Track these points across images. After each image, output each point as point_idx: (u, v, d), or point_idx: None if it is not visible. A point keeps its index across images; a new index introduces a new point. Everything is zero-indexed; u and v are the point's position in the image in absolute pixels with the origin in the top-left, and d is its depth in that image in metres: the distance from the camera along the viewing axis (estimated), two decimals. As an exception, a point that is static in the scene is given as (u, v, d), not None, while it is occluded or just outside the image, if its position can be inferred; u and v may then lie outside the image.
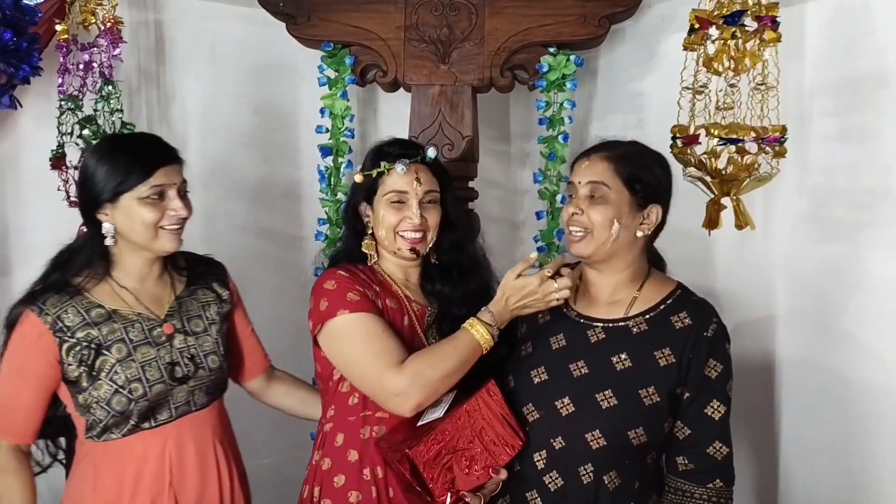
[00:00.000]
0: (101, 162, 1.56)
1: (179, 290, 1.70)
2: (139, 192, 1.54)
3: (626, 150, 1.55)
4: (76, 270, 1.60)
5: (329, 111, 2.30)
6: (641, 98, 2.37)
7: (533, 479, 1.55)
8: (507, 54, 2.19)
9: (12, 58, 2.00)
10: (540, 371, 1.57)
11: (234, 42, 2.59)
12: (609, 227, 1.50)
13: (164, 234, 1.59)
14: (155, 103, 2.56)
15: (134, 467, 1.60)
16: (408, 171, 1.61)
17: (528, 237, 2.64)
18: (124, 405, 1.56)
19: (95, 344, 1.56)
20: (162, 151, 1.60)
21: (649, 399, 1.48)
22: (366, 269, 1.68)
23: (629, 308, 1.56)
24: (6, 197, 2.47)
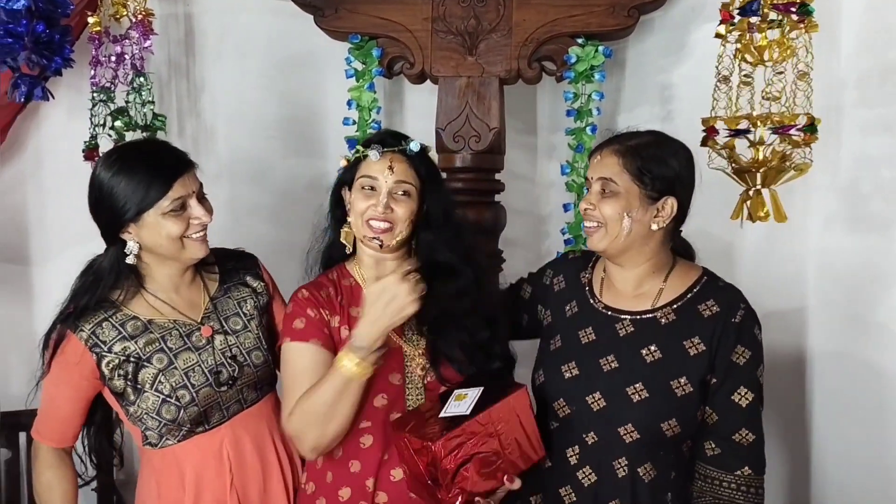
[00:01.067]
0: (117, 179, 1.53)
1: (213, 291, 1.69)
2: (161, 207, 1.53)
3: (640, 141, 1.53)
4: (109, 288, 1.59)
5: (356, 103, 2.31)
6: (671, 89, 2.34)
7: (566, 475, 1.55)
8: (534, 45, 2.18)
9: (45, 50, 2.02)
10: (571, 366, 1.57)
11: (263, 34, 2.61)
12: (620, 220, 1.50)
13: (190, 243, 1.58)
14: (185, 95, 2.59)
15: (193, 471, 1.61)
16: (381, 159, 1.57)
17: (554, 230, 2.62)
18: (174, 413, 1.57)
19: (134, 357, 1.56)
20: (175, 161, 1.57)
21: (681, 390, 1.48)
22: (342, 273, 1.67)
23: (656, 299, 1.55)
24: (40, 188, 2.51)
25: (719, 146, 1.79)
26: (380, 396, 1.57)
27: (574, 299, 1.65)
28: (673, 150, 1.54)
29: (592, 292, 1.63)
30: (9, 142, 2.41)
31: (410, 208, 1.59)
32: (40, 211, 2.52)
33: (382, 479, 1.56)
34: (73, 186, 2.39)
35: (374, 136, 1.65)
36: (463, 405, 1.48)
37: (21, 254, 2.51)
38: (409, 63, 2.28)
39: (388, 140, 1.61)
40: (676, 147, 1.55)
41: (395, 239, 1.59)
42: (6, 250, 2.50)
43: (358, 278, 1.66)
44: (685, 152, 1.55)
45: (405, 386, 1.60)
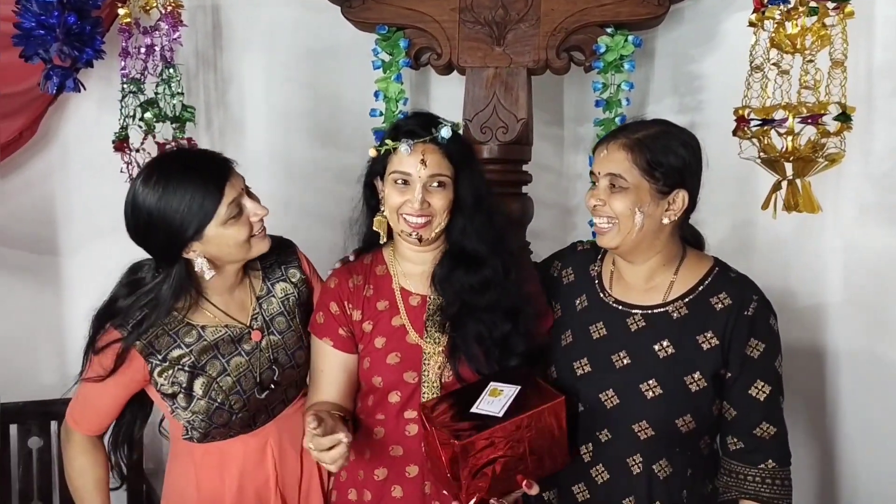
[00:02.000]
0: (165, 202, 1.46)
1: (258, 290, 1.67)
2: (220, 217, 1.48)
3: (648, 132, 1.49)
4: (172, 304, 1.54)
5: (383, 94, 2.30)
6: (701, 80, 2.32)
7: (580, 473, 1.54)
8: (563, 35, 2.16)
9: (76, 41, 2.05)
10: (582, 363, 1.55)
11: (290, 26, 2.61)
12: (632, 216, 1.47)
13: (255, 241, 1.56)
14: (213, 87, 2.60)
15: (236, 466, 1.63)
16: (413, 152, 1.50)
17: (581, 222, 2.61)
18: (226, 418, 1.58)
19: (189, 366, 1.55)
20: (216, 165, 1.53)
21: (695, 385, 1.46)
22: (375, 259, 1.65)
23: (668, 293, 1.53)
24: (69, 179, 2.54)
25: (750, 136, 1.76)
26: (393, 393, 1.57)
27: (584, 293, 1.62)
28: (681, 140, 1.50)
29: (602, 286, 1.61)
30: (39, 133, 2.44)
31: (447, 198, 1.54)
32: (70, 202, 2.55)
33: (396, 474, 1.57)
34: (103, 178, 2.43)
35: (403, 124, 1.57)
36: (496, 404, 1.44)
37: (50, 245, 2.54)
38: (436, 54, 2.27)
39: (418, 130, 1.53)
40: (685, 137, 1.51)
41: (434, 232, 1.56)
42: (36, 241, 2.53)
43: (391, 269, 1.63)
44: (693, 141, 1.52)
45: (420, 384, 1.57)
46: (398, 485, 1.57)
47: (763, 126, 1.73)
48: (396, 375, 1.56)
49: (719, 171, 2.24)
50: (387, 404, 1.57)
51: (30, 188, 2.50)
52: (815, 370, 2.12)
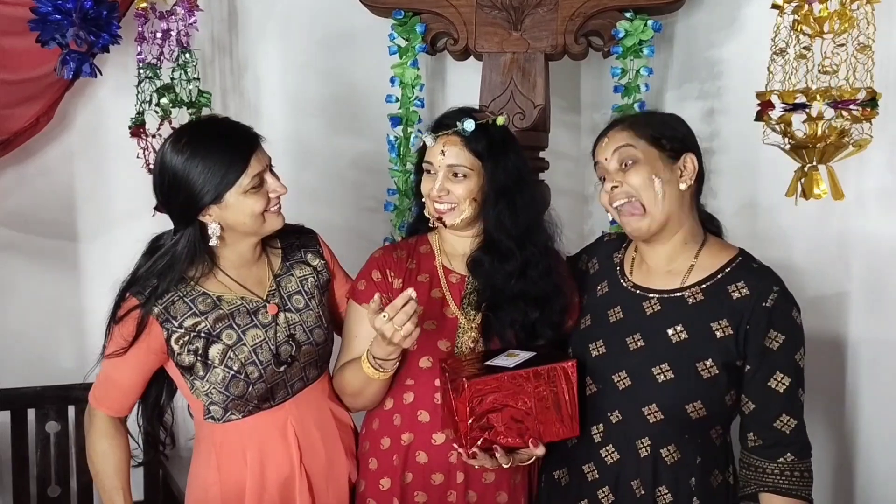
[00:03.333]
0: (192, 163, 1.50)
1: (277, 268, 1.69)
2: (242, 186, 1.51)
3: (640, 116, 1.56)
4: (185, 268, 1.57)
5: (399, 80, 2.29)
6: (721, 65, 2.28)
7: (590, 453, 1.54)
8: (581, 20, 2.14)
9: (92, 26, 2.04)
10: (598, 344, 1.56)
11: (306, 11, 2.60)
12: (651, 185, 1.47)
13: (270, 217, 1.58)
14: (228, 73, 2.60)
15: (257, 447, 1.63)
16: (436, 143, 1.61)
17: (597, 210, 2.59)
18: (242, 389, 1.58)
19: (205, 333, 1.57)
20: (246, 137, 1.56)
21: (707, 372, 1.45)
22: (420, 240, 1.74)
23: (686, 277, 1.52)
24: (87, 164, 2.55)
25: (774, 121, 1.74)
26: (425, 359, 1.61)
27: (605, 279, 1.64)
28: (673, 119, 1.57)
29: (623, 272, 1.61)
30: (56, 118, 2.44)
31: (468, 188, 1.61)
32: (86, 187, 2.56)
33: (421, 440, 1.61)
34: (120, 163, 2.44)
35: (438, 118, 1.67)
36: (510, 361, 1.50)
37: (69, 230, 2.55)
38: (452, 39, 2.25)
39: (444, 122, 1.63)
40: (673, 117, 1.59)
41: (458, 218, 1.62)
42: (54, 226, 2.54)
43: (434, 247, 1.71)
44: (682, 120, 1.58)
45: (453, 354, 1.62)
46: (423, 450, 1.61)
47: (793, 111, 1.70)
48: (431, 341, 1.61)
49: (739, 157, 2.24)
50: (417, 369, 1.62)
51: (47, 174, 2.51)
52: (834, 360, 2.10)
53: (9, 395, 2.27)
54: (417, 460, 1.61)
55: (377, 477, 1.64)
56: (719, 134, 2.31)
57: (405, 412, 1.63)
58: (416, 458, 1.61)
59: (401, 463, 1.62)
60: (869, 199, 2.04)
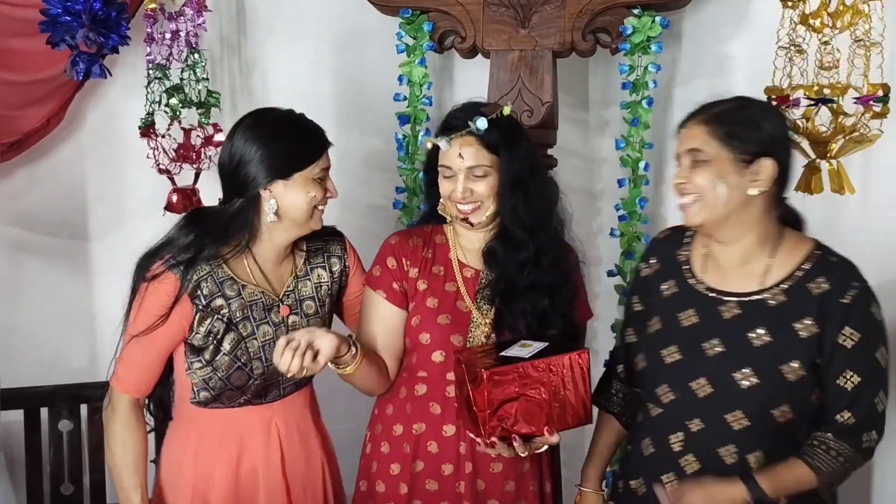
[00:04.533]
0: (277, 134, 1.57)
1: (298, 269, 1.70)
2: (311, 172, 1.58)
3: (725, 107, 1.46)
4: (225, 240, 1.60)
5: (407, 78, 2.29)
6: (730, 61, 2.28)
7: (669, 462, 1.51)
8: (589, 17, 2.13)
9: (102, 27, 2.05)
10: (671, 350, 1.51)
11: (314, 10, 2.60)
12: (714, 188, 1.42)
13: (316, 215, 1.63)
14: (237, 72, 2.61)
15: (237, 438, 1.65)
16: (451, 146, 1.59)
17: (606, 207, 2.59)
18: (243, 381, 1.61)
19: (227, 319, 1.59)
20: (324, 134, 1.64)
21: (793, 374, 1.42)
22: (435, 230, 1.74)
23: (764, 278, 1.47)
24: (98, 164, 2.56)
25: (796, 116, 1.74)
26: (438, 352, 1.64)
27: (672, 279, 1.58)
28: (762, 113, 1.48)
29: (692, 271, 1.55)
30: (67, 119, 2.46)
31: (490, 185, 1.61)
32: (97, 187, 2.57)
33: (433, 431, 1.65)
34: (131, 163, 2.45)
35: (446, 118, 1.66)
36: (525, 351, 1.52)
37: (80, 230, 2.57)
38: (460, 37, 2.25)
39: (456, 124, 1.61)
40: (766, 108, 1.50)
41: (484, 215, 1.64)
42: (65, 226, 2.55)
43: (450, 238, 1.72)
44: (776, 112, 1.50)
45: (466, 347, 1.64)
46: (434, 440, 1.64)
47: (816, 105, 1.69)
48: (444, 335, 1.64)
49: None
50: (430, 362, 1.65)
51: (58, 174, 2.53)
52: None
53: (22, 395, 2.28)
54: (429, 450, 1.64)
55: (388, 461, 1.68)
56: (728, 130, 2.30)
57: (417, 403, 1.66)
58: (427, 447, 1.65)
59: (412, 451, 1.65)
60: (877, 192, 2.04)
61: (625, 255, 2.22)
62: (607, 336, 2.36)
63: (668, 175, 2.48)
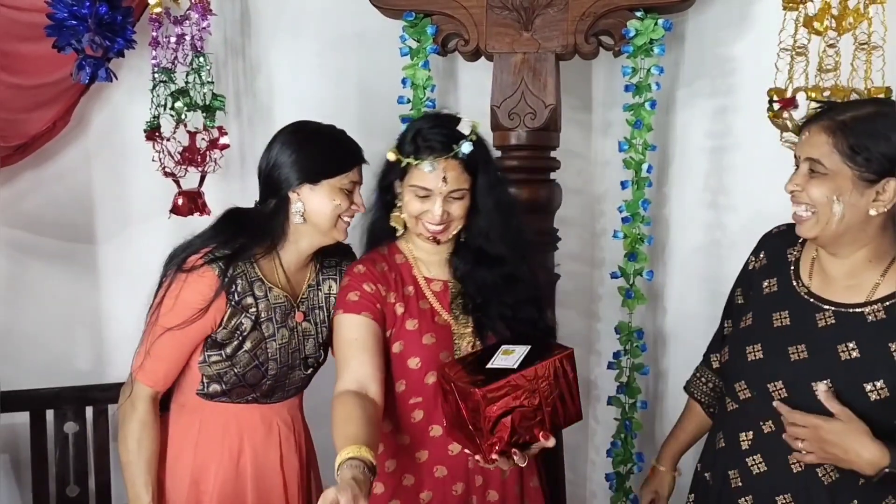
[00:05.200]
0: (306, 146, 1.63)
1: (312, 279, 1.76)
2: (339, 182, 1.62)
3: (855, 114, 1.35)
4: (260, 240, 1.65)
5: (410, 81, 2.30)
6: (732, 63, 2.28)
7: (736, 458, 1.50)
8: (592, 19, 2.14)
9: (107, 31, 2.06)
10: (756, 348, 1.48)
11: (318, 13, 2.61)
12: (829, 205, 1.35)
13: (340, 225, 1.66)
14: (241, 75, 2.62)
15: (238, 434, 1.69)
16: (435, 170, 1.54)
17: (609, 209, 2.59)
18: (257, 380, 1.65)
19: (254, 317, 1.63)
20: (358, 150, 1.69)
21: (876, 394, 1.36)
22: (392, 249, 1.69)
23: (871, 294, 1.41)
24: (103, 167, 2.57)
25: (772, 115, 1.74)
26: (430, 374, 1.60)
27: (775, 276, 1.53)
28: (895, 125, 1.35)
29: (798, 273, 1.50)
30: (72, 122, 2.47)
31: (465, 206, 1.60)
32: (103, 190, 2.58)
33: (438, 454, 1.61)
34: (136, 166, 2.46)
35: (424, 136, 1.58)
36: (510, 360, 1.50)
37: (86, 233, 2.57)
38: (463, 40, 2.26)
39: (439, 147, 1.55)
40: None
41: (451, 234, 1.62)
42: (71, 229, 2.56)
43: (409, 257, 1.68)
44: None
45: (452, 361, 1.60)
46: (441, 464, 1.60)
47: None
48: (433, 355, 1.60)
49: (750, 153, 2.24)
50: (424, 386, 1.60)
51: (64, 177, 2.53)
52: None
53: (27, 397, 2.29)
54: (436, 476, 1.60)
55: (385, 501, 1.61)
56: (730, 131, 2.31)
57: (415, 430, 1.61)
58: (433, 473, 1.60)
59: (416, 483, 1.60)
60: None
61: (627, 256, 2.22)
62: (611, 337, 2.36)
63: (671, 177, 2.49)
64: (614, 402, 2.29)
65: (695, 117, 2.39)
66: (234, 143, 2.47)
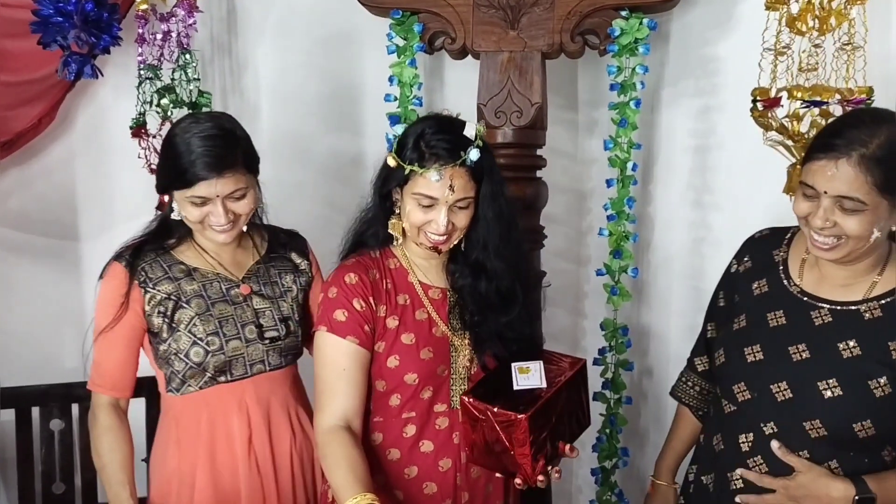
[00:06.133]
0: (169, 151, 1.62)
1: (260, 256, 1.78)
2: (185, 195, 1.61)
3: (879, 142, 1.31)
4: (161, 234, 1.70)
5: (397, 79, 2.31)
6: (717, 62, 2.30)
7: (736, 461, 1.50)
8: (577, 18, 2.15)
9: (93, 28, 2.06)
10: (755, 349, 1.48)
11: (305, 11, 2.61)
12: (868, 237, 1.34)
13: (209, 230, 1.65)
14: (227, 73, 2.61)
15: (210, 419, 1.68)
16: (442, 178, 1.48)
17: (595, 207, 2.61)
18: (202, 357, 1.65)
19: (175, 297, 1.65)
20: (215, 160, 1.56)
21: (881, 391, 1.37)
22: (385, 253, 1.62)
23: (868, 292, 1.42)
24: (89, 164, 2.56)
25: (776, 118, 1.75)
26: (426, 389, 1.57)
27: (764, 278, 1.54)
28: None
29: (788, 273, 1.51)
30: (58, 119, 2.45)
31: (469, 215, 1.55)
32: (89, 188, 2.57)
33: (427, 471, 1.58)
34: (122, 163, 2.45)
35: (430, 144, 1.50)
36: (533, 378, 1.48)
37: (71, 230, 2.57)
38: (450, 38, 2.27)
39: (446, 156, 1.49)
40: None
41: (452, 244, 1.57)
42: (57, 226, 2.55)
43: (404, 262, 1.62)
44: None
45: (450, 377, 1.59)
46: (431, 481, 1.57)
47: (810, 108, 1.71)
48: (430, 370, 1.56)
49: (734, 153, 2.26)
50: (419, 401, 1.57)
51: (49, 174, 2.53)
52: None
53: (13, 394, 2.28)
54: (426, 492, 1.57)
55: None
56: (714, 131, 2.33)
57: (405, 446, 1.57)
58: (423, 490, 1.57)
59: (405, 499, 1.57)
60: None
61: (613, 254, 2.24)
62: (596, 334, 2.38)
63: (655, 175, 2.51)
64: (599, 398, 2.31)
65: (679, 116, 2.41)
66: (221, 140, 2.47)
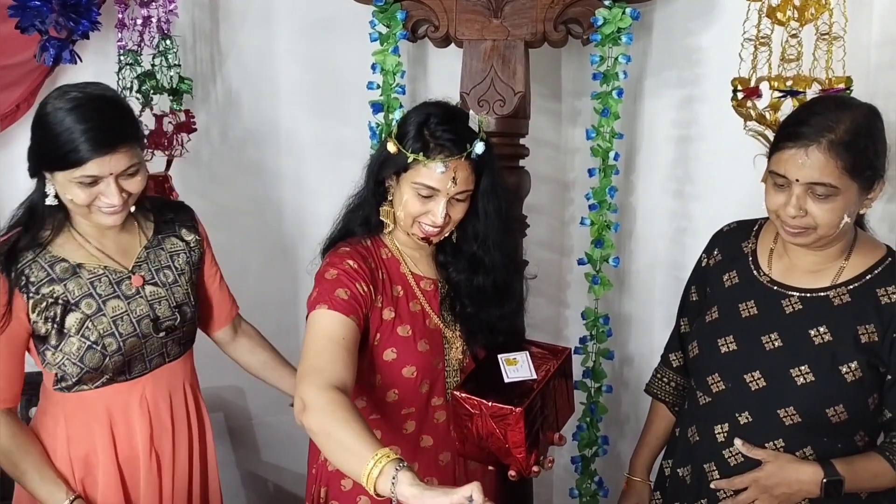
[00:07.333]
0: (51, 129, 1.43)
1: (147, 239, 1.65)
2: (73, 175, 1.45)
3: (846, 126, 1.33)
4: (40, 225, 1.53)
5: (380, 67, 2.30)
6: (699, 53, 2.31)
7: (712, 452, 1.51)
8: (560, 7, 2.15)
9: (72, 13, 2.04)
10: (728, 340, 1.50)
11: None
12: (839, 220, 1.36)
13: (98, 213, 1.51)
14: (209, 60, 2.59)
15: (107, 418, 1.59)
16: (447, 170, 1.46)
17: (578, 196, 2.62)
18: (98, 361, 1.54)
19: (63, 300, 1.52)
20: (107, 135, 1.44)
21: (851, 375, 1.39)
22: (375, 242, 1.59)
23: (836, 278, 1.44)
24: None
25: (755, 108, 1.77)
26: (424, 383, 1.56)
27: (734, 269, 1.56)
28: (878, 126, 1.38)
29: (757, 263, 1.53)
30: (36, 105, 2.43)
31: (465, 208, 1.54)
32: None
33: (428, 465, 1.56)
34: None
35: (435, 134, 1.48)
36: (523, 370, 1.47)
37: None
38: (433, 26, 2.26)
39: (453, 148, 1.47)
40: (871, 118, 1.38)
41: (444, 236, 1.56)
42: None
43: (395, 252, 1.60)
44: (879, 118, 1.39)
45: (444, 369, 1.58)
46: (432, 475, 1.56)
47: (784, 98, 1.73)
48: (427, 363, 1.54)
49: (716, 143, 2.27)
50: (417, 395, 1.55)
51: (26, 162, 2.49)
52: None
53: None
54: None
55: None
56: (697, 121, 2.34)
57: (406, 441, 1.55)
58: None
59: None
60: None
61: (594, 243, 2.25)
62: (577, 324, 2.39)
63: (637, 165, 2.52)
64: (580, 387, 2.32)
65: (661, 106, 2.42)
66: (202, 127, 2.45)
